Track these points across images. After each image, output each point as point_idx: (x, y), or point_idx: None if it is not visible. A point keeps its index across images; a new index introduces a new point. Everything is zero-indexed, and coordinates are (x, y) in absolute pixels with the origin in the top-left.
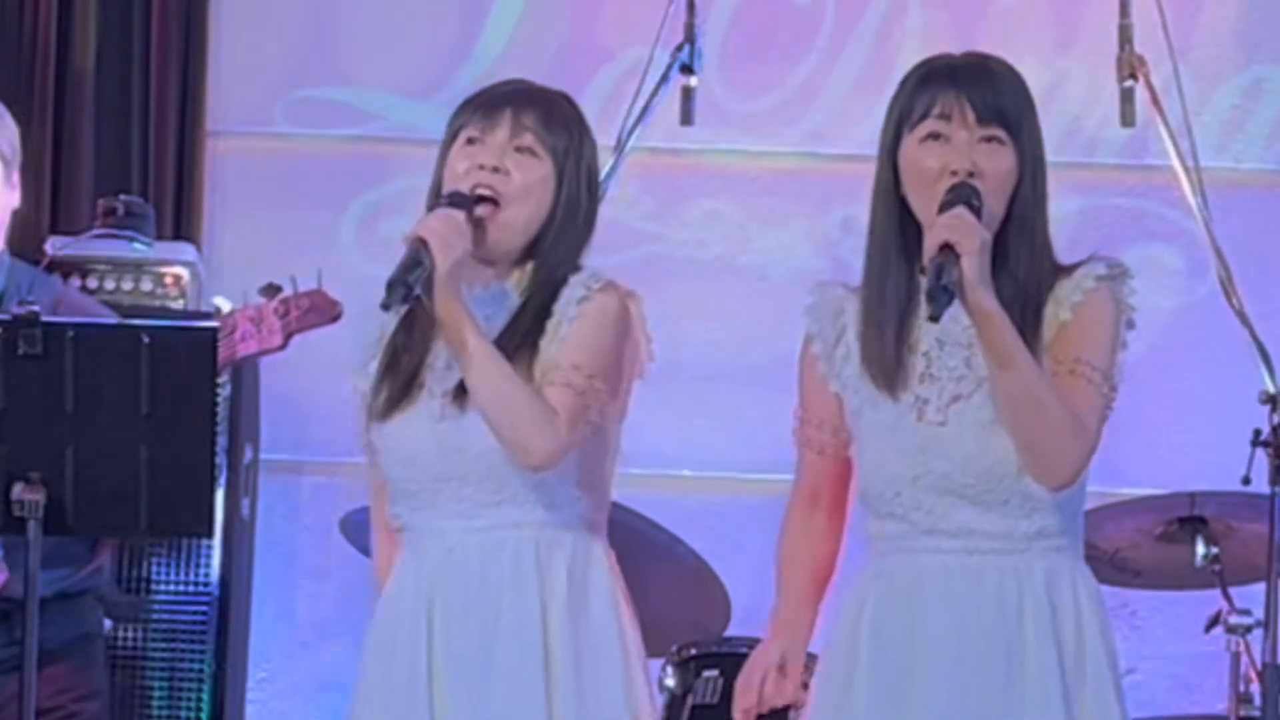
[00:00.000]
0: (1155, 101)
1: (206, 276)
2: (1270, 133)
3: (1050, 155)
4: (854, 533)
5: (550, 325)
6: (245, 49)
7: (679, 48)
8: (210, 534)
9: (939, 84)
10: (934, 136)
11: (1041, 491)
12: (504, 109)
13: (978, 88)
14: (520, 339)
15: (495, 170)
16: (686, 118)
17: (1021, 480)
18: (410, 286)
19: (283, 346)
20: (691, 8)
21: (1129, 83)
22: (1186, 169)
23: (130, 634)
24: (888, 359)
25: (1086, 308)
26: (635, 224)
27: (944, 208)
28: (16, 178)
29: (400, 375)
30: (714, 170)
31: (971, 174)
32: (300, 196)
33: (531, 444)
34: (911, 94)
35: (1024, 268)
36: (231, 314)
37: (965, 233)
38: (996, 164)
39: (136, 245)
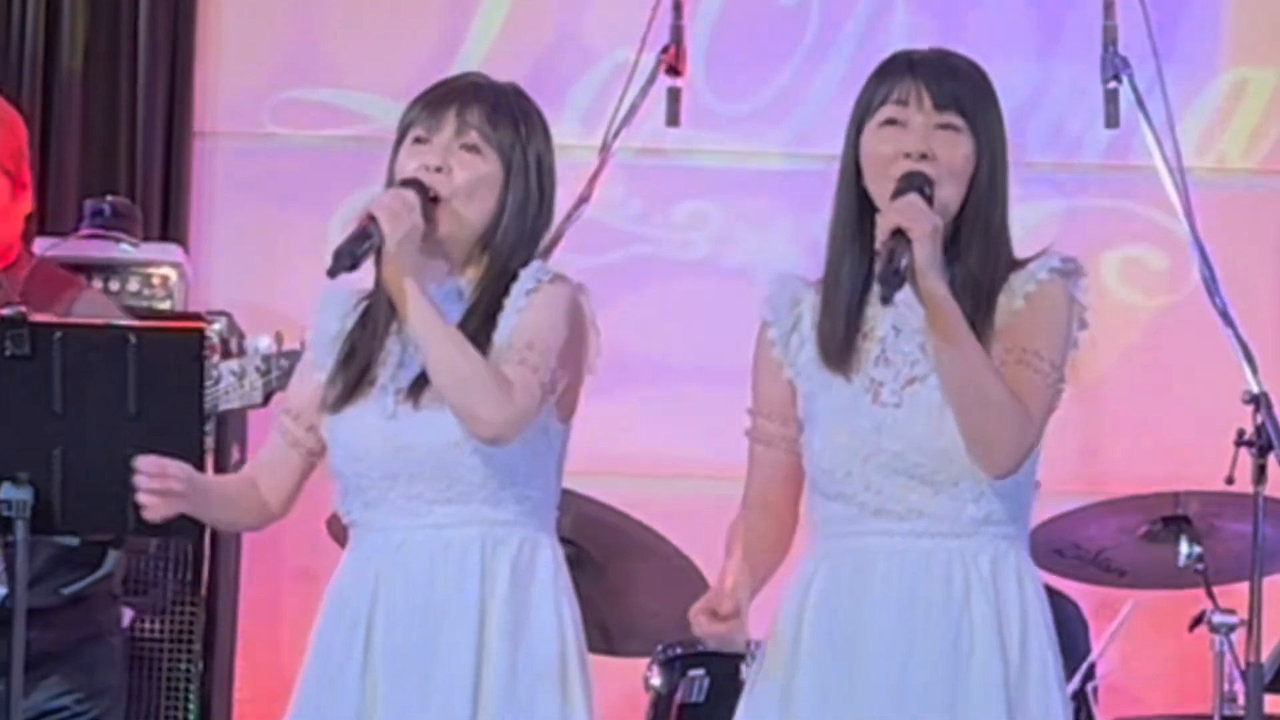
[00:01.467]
0: (1139, 102)
1: (194, 277)
2: (1253, 133)
3: (1035, 155)
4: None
5: (501, 318)
6: (233, 50)
7: (665, 49)
8: (198, 536)
9: (897, 72)
10: (891, 122)
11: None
12: (449, 107)
13: (935, 75)
14: (473, 333)
15: (439, 170)
16: (673, 119)
17: (973, 464)
18: (355, 256)
19: (264, 404)
20: (677, 10)
21: (1113, 84)
22: (1170, 169)
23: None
24: (839, 340)
25: (1038, 299)
26: (621, 225)
27: (896, 194)
28: (28, 178)
29: (353, 369)
30: (700, 171)
31: (924, 156)
32: (287, 197)
33: (484, 412)
34: (872, 85)
35: (977, 257)
36: (215, 362)
37: (916, 218)
38: (952, 150)
39: (124, 246)
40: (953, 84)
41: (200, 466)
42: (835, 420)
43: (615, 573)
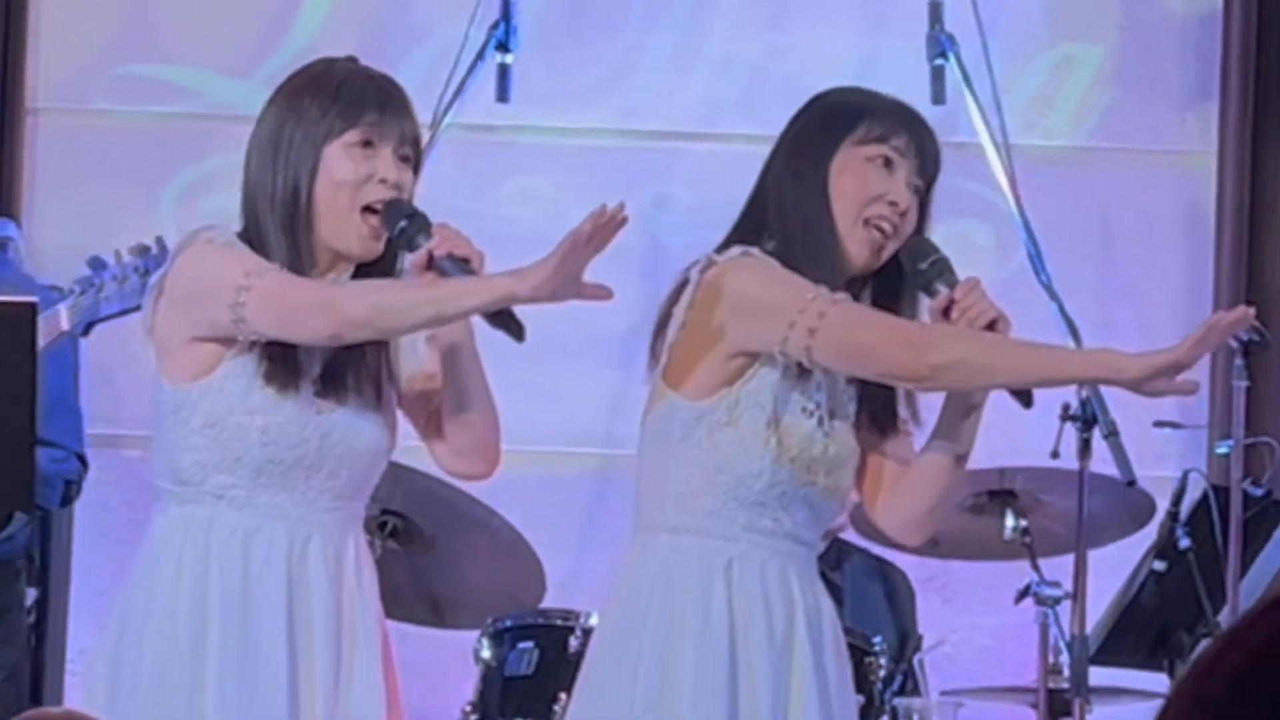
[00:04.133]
0: (965, 79)
1: (27, 252)
2: (1078, 110)
3: None
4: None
5: None
6: (65, 26)
7: (495, 25)
8: (32, 509)
9: (897, 119)
10: (885, 163)
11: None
12: (395, 120)
13: (929, 140)
14: None
15: (394, 185)
16: (503, 95)
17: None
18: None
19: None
20: None
21: (939, 61)
22: (996, 145)
23: None
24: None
25: None
26: (451, 200)
27: (933, 270)
28: None
29: (287, 356)
30: (529, 147)
31: (905, 214)
32: (120, 173)
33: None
34: (861, 112)
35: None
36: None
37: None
38: (914, 217)
39: None
40: (938, 155)
41: (32, 440)
42: (792, 436)
43: (445, 546)
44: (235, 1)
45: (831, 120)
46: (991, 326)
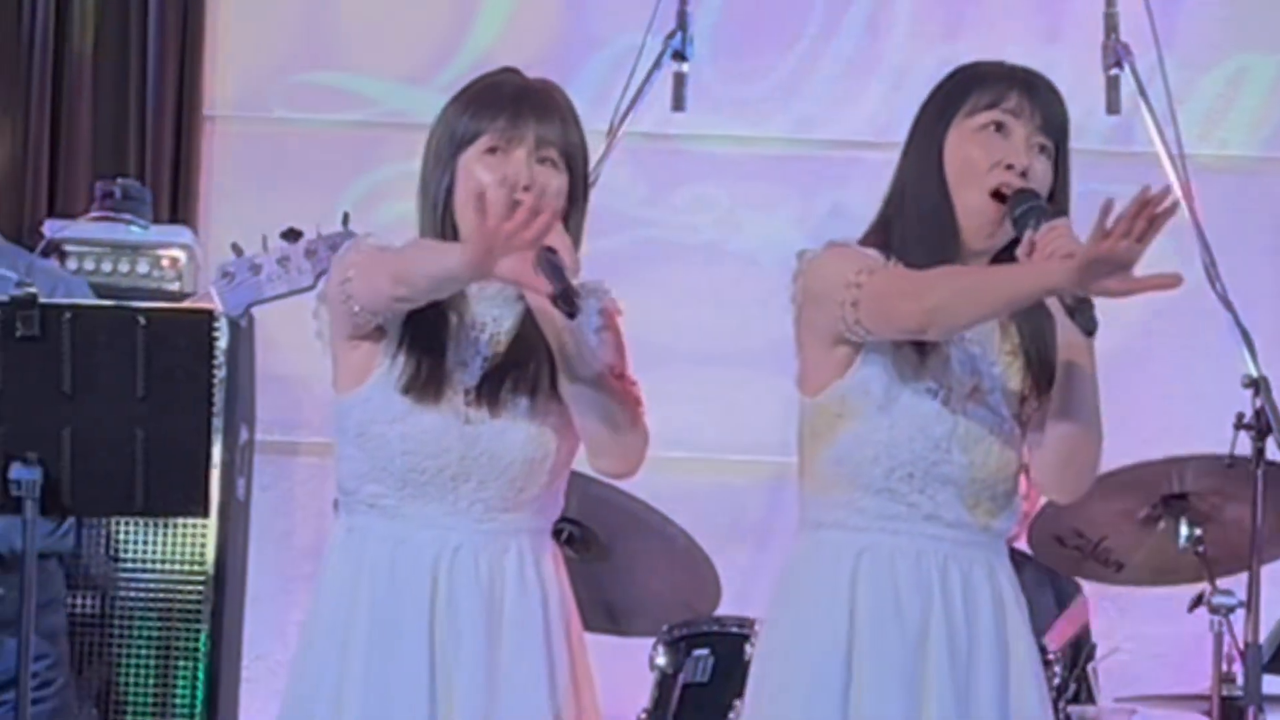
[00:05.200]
0: (1140, 89)
1: (203, 259)
2: (1253, 120)
3: None
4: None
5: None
6: (243, 34)
7: (671, 34)
8: (206, 514)
9: (1006, 81)
10: (997, 127)
11: (1017, 495)
12: (527, 123)
13: (1044, 95)
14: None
15: (527, 189)
16: (678, 104)
17: (1014, 483)
18: (571, 288)
19: (312, 286)
20: None
21: (1114, 70)
22: (1171, 155)
23: (125, 612)
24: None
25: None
26: (627, 209)
27: (1025, 213)
28: None
29: (432, 365)
30: (704, 156)
31: (1024, 173)
32: (296, 181)
33: (634, 458)
34: (970, 85)
35: None
36: (255, 256)
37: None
38: (1044, 173)
39: (133, 228)
40: (1059, 109)
41: (208, 448)
42: (907, 418)
43: (621, 553)
44: (413, 10)
45: (943, 101)
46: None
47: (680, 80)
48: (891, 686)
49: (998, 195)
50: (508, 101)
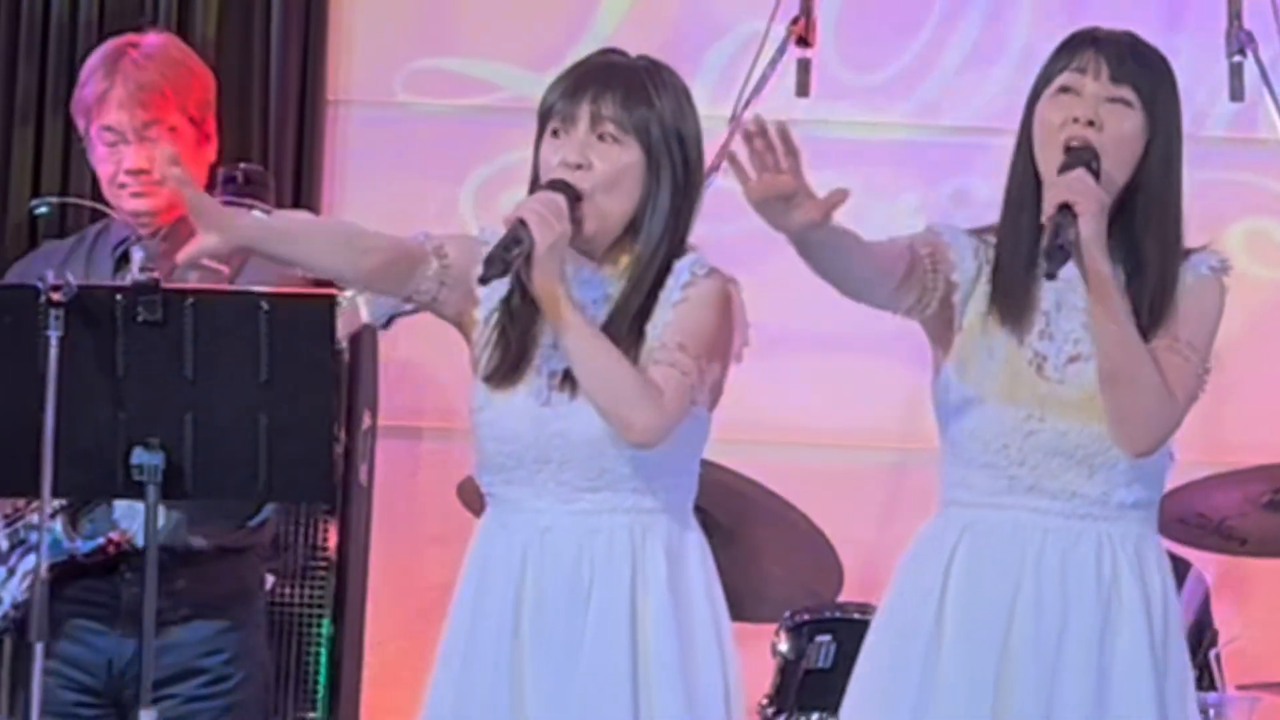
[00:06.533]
0: (1264, 77)
1: None
2: None
3: None
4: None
5: (656, 310)
6: (367, 19)
7: (794, 20)
8: (329, 500)
9: (1080, 45)
10: (1065, 89)
11: (1144, 461)
12: (582, 99)
13: (1116, 50)
14: (628, 324)
15: (578, 166)
16: (802, 90)
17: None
18: (508, 263)
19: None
20: None
21: (1238, 58)
22: None
23: None
24: (1015, 306)
25: (1197, 291)
26: None
27: (1064, 168)
28: (213, 130)
29: (509, 351)
30: (827, 142)
31: (1091, 123)
32: (419, 166)
33: (635, 419)
34: (1053, 58)
35: (1156, 245)
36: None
37: (1084, 194)
38: (1120, 124)
39: (256, 213)
40: (1133, 61)
41: (330, 433)
42: (999, 389)
43: (743, 539)
44: None
45: (1037, 79)
46: (1065, 209)
47: (804, 66)
48: (962, 683)
49: (1068, 150)
50: (569, 83)
